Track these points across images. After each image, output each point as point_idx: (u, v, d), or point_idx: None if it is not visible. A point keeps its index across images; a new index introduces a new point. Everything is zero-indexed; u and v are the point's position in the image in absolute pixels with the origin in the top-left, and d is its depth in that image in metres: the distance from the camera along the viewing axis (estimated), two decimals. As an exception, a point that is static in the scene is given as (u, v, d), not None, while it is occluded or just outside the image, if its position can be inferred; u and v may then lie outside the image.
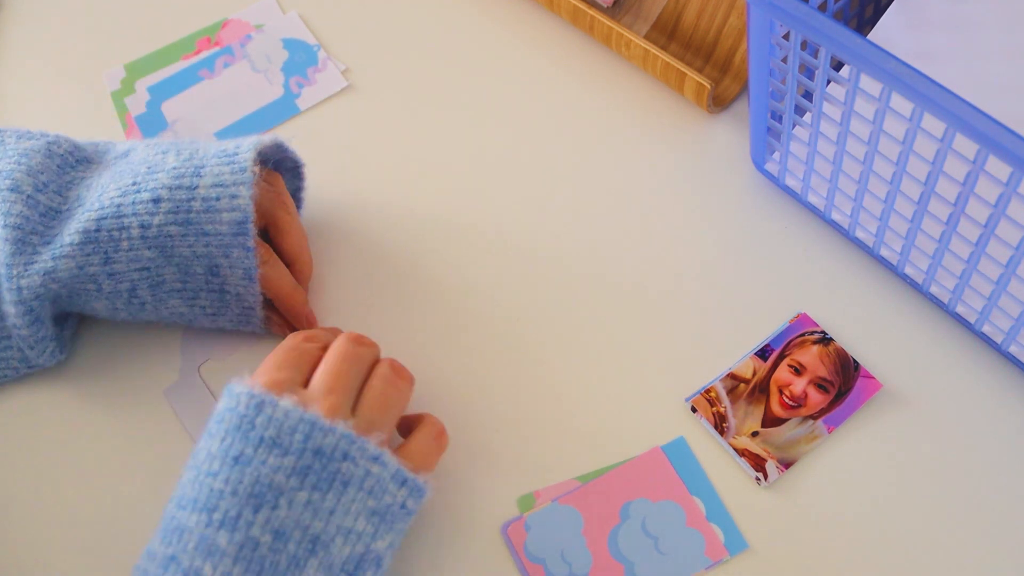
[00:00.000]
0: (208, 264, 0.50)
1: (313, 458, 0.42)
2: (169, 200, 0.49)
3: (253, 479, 0.41)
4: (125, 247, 0.49)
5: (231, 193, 0.49)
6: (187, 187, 0.50)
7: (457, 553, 0.49)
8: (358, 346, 0.47)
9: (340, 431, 0.43)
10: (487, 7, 0.69)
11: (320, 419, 0.42)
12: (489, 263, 0.58)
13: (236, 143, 0.52)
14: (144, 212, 0.49)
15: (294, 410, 0.42)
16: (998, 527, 0.48)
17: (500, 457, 0.52)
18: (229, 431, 0.42)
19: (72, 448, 0.54)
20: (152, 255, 0.50)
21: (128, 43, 0.70)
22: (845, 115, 0.47)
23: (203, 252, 0.50)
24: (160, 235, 0.49)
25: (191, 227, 0.49)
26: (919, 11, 0.53)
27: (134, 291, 0.50)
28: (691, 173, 0.60)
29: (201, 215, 0.49)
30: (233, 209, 0.49)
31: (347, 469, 0.42)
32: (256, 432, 0.42)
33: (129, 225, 0.49)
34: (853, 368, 0.52)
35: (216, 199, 0.49)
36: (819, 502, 0.49)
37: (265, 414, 0.42)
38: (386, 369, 0.47)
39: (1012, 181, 0.41)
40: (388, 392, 0.46)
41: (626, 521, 0.49)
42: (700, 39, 0.64)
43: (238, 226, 0.50)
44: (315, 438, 0.42)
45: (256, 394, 0.43)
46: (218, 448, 0.42)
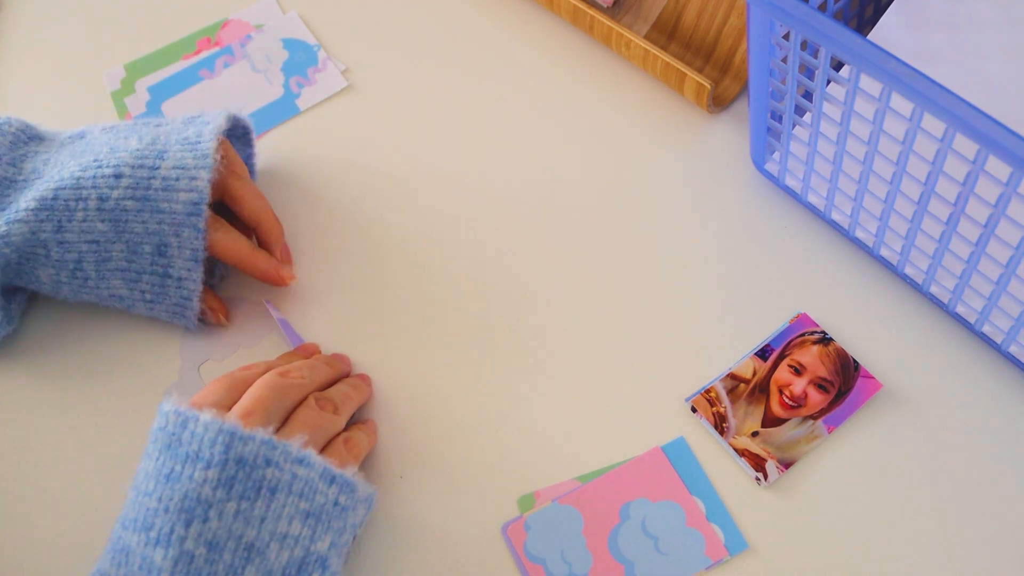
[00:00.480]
0: (157, 242, 0.52)
1: (236, 468, 0.43)
2: (131, 176, 0.51)
3: (182, 494, 0.42)
4: (79, 217, 0.51)
5: (191, 175, 0.51)
6: (149, 166, 0.51)
7: (457, 553, 0.49)
8: (283, 378, 0.48)
9: (260, 438, 0.44)
10: (487, 7, 0.69)
11: (238, 428, 0.43)
12: (489, 262, 0.58)
13: (198, 132, 0.54)
14: (104, 185, 0.51)
15: (213, 422, 0.43)
16: (998, 527, 0.48)
17: (500, 457, 0.52)
18: (160, 450, 0.44)
19: (72, 448, 0.54)
20: (104, 228, 0.51)
21: (128, 43, 0.70)
22: (845, 115, 0.47)
23: (155, 229, 0.51)
24: (116, 208, 0.51)
25: (148, 203, 0.51)
26: (919, 11, 0.53)
27: (79, 263, 0.52)
28: (691, 173, 0.60)
29: (159, 192, 0.51)
30: (191, 190, 0.51)
31: (272, 475, 0.43)
32: (182, 448, 0.43)
33: (87, 196, 0.51)
34: (853, 368, 0.52)
35: (176, 179, 0.51)
36: (819, 502, 0.49)
37: (189, 429, 0.44)
38: (310, 403, 0.48)
39: (1012, 181, 0.41)
40: (311, 417, 0.47)
41: (626, 521, 0.49)
42: (700, 39, 0.64)
43: (193, 206, 0.51)
44: (235, 448, 0.43)
45: (181, 411, 0.44)
46: (152, 467, 0.43)
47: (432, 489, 0.51)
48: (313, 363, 0.52)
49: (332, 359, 0.54)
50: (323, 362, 0.53)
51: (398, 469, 0.52)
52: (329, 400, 0.49)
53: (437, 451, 0.52)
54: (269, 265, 0.55)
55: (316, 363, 0.52)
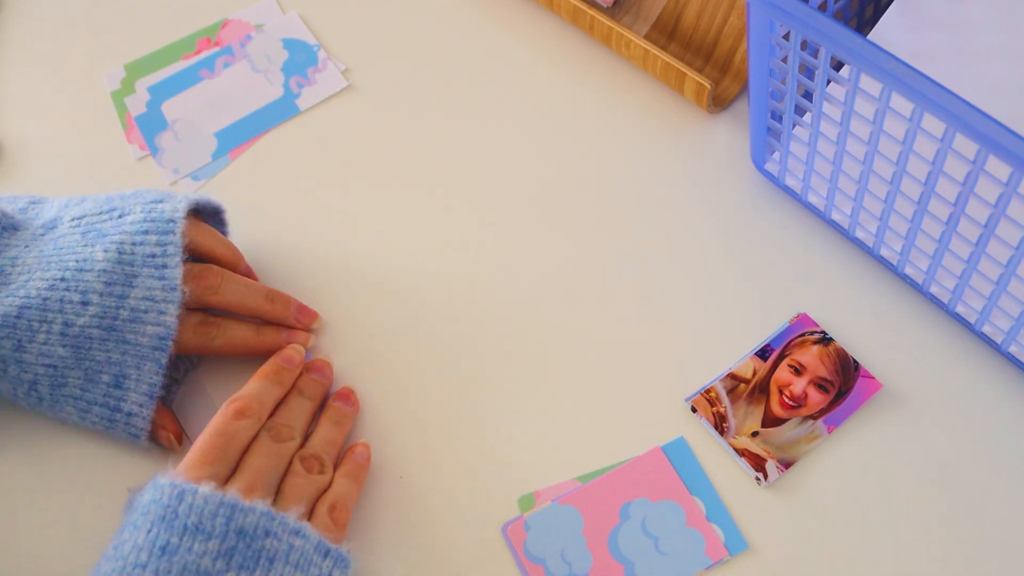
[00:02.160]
0: (116, 373, 0.51)
1: (237, 539, 0.43)
2: (98, 304, 0.50)
3: (181, 567, 0.42)
4: (41, 339, 0.50)
5: (159, 309, 0.50)
6: (117, 295, 0.50)
7: (457, 553, 0.49)
8: (275, 443, 0.48)
9: (260, 509, 0.44)
10: (487, 7, 0.69)
11: (239, 500, 0.44)
12: (488, 262, 0.58)
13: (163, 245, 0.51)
14: (71, 311, 0.50)
15: (213, 495, 0.44)
16: (998, 527, 0.48)
17: (500, 457, 0.52)
18: (155, 522, 0.43)
19: (65, 440, 0.54)
20: (64, 354, 0.50)
21: (128, 43, 0.70)
22: (845, 115, 0.47)
23: (117, 360, 0.50)
24: (81, 335, 0.50)
25: (114, 333, 0.50)
26: (919, 11, 0.53)
27: (35, 384, 0.51)
28: (691, 173, 0.60)
29: (127, 324, 0.50)
30: (158, 324, 0.50)
31: (271, 545, 0.44)
32: (180, 521, 0.43)
33: (52, 320, 0.49)
34: (853, 368, 0.52)
35: (144, 312, 0.50)
36: (819, 502, 0.49)
37: (186, 502, 0.44)
38: (297, 466, 0.48)
39: (1012, 181, 0.41)
40: (301, 486, 0.48)
41: (626, 521, 0.49)
42: (700, 39, 0.64)
43: (159, 340, 0.51)
44: (236, 519, 0.44)
45: (177, 484, 0.44)
46: (144, 540, 0.43)
47: (432, 489, 0.51)
48: (297, 406, 0.51)
49: (311, 386, 0.53)
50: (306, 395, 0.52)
51: (398, 469, 0.52)
52: (315, 458, 0.49)
53: (437, 451, 0.52)
54: (280, 340, 0.55)
55: (301, 403, 0.52)
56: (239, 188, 0.62)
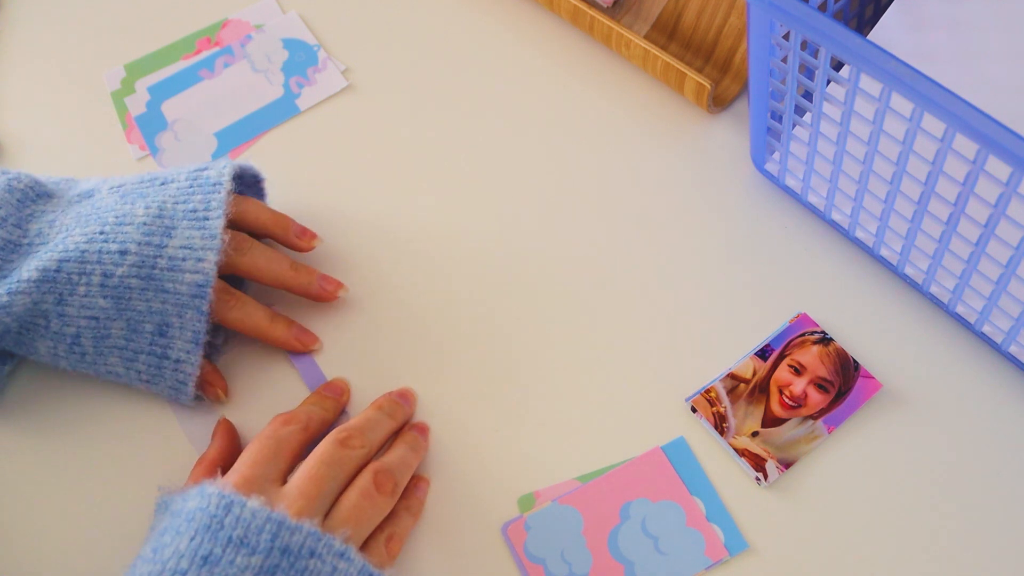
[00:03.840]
0: (159, 322, 0.51)
1: (281, 557, 0.43)
2: (136, 254, 0.50)
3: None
4: (81, 292, 0.50)
5: (198, 256, 0.50)
6: (156, 244, 0.50)
7: (457, 553, 0.49)
8: (342, 449, 0.48)
9: (307, 529, 0.43)
10: (487, 7, 0.69)
11: (287, 518, 0.43)
12: (488, 262, 0.58)
13: (205, 202, 0.52)
14: (109, 262, 0.50)
15: (261, 510, 0.43)
16: (998, 527, 0.48)
17: (500, 457, 0.52)
18: (199, 531, 0.43)
19: (67, 440, 0.54)
20: (106, 305, 0.50)
21: (128, 43, 0.70)
22: (845, 115, 0.47)
23: (158, 308, 0.50)
24: (120, 286, 0.50)
25: (152, 282, 0.50)
26: (919, 11, 0.53)
27: (77, 338, 0.51)
28: (691, 173, 0.60)
29: (165, 272, 0.50)
30: (196, 271, 0.50)
31: (314, 566, 0.43)
32: (224, 532, 0.43)
33: (91, 272, 0.50)
34: (853, 368, 0.52)
35: (183, 259, 0.50)
36: (819, 502, 0.49)
37: (233, 514, 0.43)
38: (366, 481, 0.47)
39: (1012, 181, 0.41)
40: (362, 505, 0.46)
41: (626, 521, 0.49)
42: (700, 39, 0.64)
43: (198, 288, 0.50)
44: (282, 536, 0.43)
45: (226, 495, 0.44)
46: (186, 547, 0.42)
47: (432, 489, 0.51)
48: (376, 419, 0.50)
49: (395, 405, 0.52)
50: (386, 412, 0.51)
51: (398, 469, 0.52)
52: (389, 476, 0.48)
53: (437, 451, 0.52)
54: (289, 335, 0.55)
55: (379, 418, 0.51)
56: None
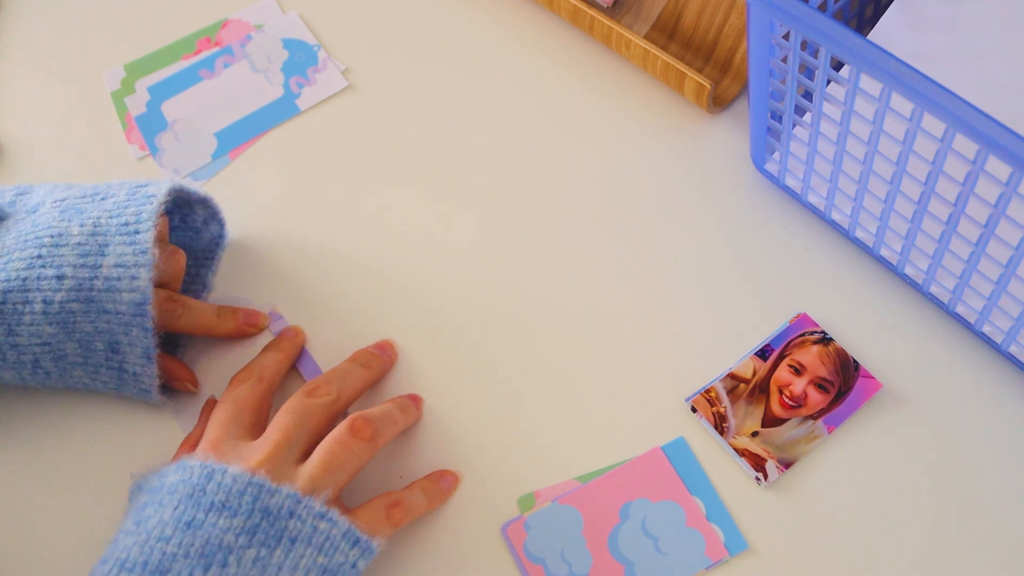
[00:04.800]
0: (109, 340, 0.51)
1: (261, 517, 0.44)
2: (72, 277, 0.50)
3: (204, 540, 0.43)
4: (27, 321, 0.50)
5: (131, 275, 0.50)
6: (91, 265, 0.50)
7: (457, 553, 0.49)
8: (308, 398, 0.49)
9: (286, 491, 0.44)
10: (487, 7, 0.69)
11: (267, 481, 0.44)
12: (488, 262, 0.58)
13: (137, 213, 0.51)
14: (48, 288, 0.49)
15: (242, 475, 0.44)
16: (998, 526, 0.48)
17: (500, 457, 0.52)
18: (182, 500, 0.44)
19: (64, 435, 0.54)
20: (53, 331, 0.50)
21: (128, 43, 0.70)
22: (845, 115, 0.47)
23: (104, 328, 0.50)
24: (62, 311, 0.50)
25: (93, 304, 0.50)
26: (919, 11, 0.53)
27: (37, 363, 0.51)
28: (691, 173, 0.60)
29: (103, 293, 0.50)
30: (132, 290, 0.50)
31: (294, 526, 0.44)
32: (207, 498, 0.44)
33: (32, 300, 0.49)
34: (853, 368, 0.52)
35: (117, 279, 0.50)
36: (819, 502, 0.49)
37: (215, 481, 0.44)
38: (342, 429, 0.48)
39: (1012, 181, 0.41)
40: (334, 451, 0.47)
41: (626, 521, 0.49)
42: (700, 39, 0.64)
43: (137, 307, 0.50)
44: (263, 499, 0.44)
45: (207, 464, 0.45)
46: (170, 516, 0.44)
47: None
48: (346, 368, 0.51)
49: (370, 356, 0.53)
50: (360, 362, 0.52)
51: (398, 469, 0.52)
52: (368, 423, 0.48)
53: (437, 451, 0.52)
54: (237, 325, 0.56)
55: (351, 367, 0.51)
56: (239, 188, 0.62)
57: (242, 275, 0.59)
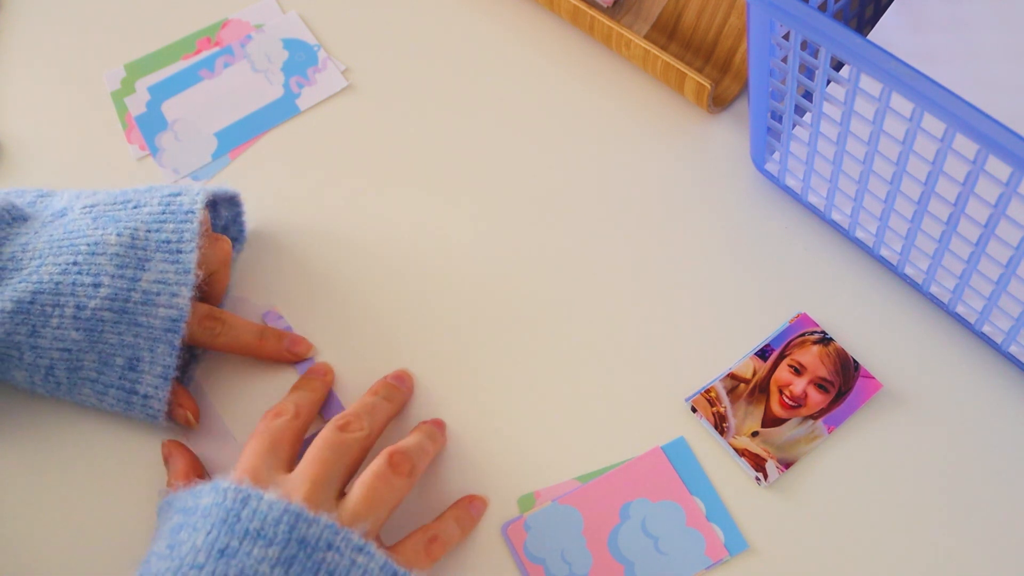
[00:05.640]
0: (130, 356, 0.51)
1: (298, 548, 0.42)
2: (110, 287, 0.50)
3: (238, 571, 0.41)
4: (54, 324, 0.49)
5: (172, 291, 0.50)
6: (129, 277, 0.50)
7: (457, 553, 0.49)
8: (342, 433, 0.48)
9: (324, 522, 0.43)
10: (487, 7, 0.69)
11: (304, 510, 0.43)
12: (488, 262, 0.58)
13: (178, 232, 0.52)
14: (83, 294, 0.49)
15: (278, 502, 0.43)
16: (998, 527, 0.48)
17: (500, 457, 0.52)
18: (215, 525, 0.43)
19: (66, 434, 0.54)
20: (78, 337, 0.50)
21: (128, 43, 0.70)
22: (845, 115, 0.47)
23: (130, 342, 0.50)
24: (93, 318, 0.50)
25: (126, 315, 0.50)
26: (919, 11, 0.53)
27: (51, 369, 0.51)
28: (691, 173, 0.60)
29: (138, 306, 0.50)
30: (171, 306, 0.50)
31: (331, 559, 0.43)
32: (241, 524, 0.43)
33: (64, 304, 0.49)
34: (853, 368, 0.52)
35: (157, 294, 0.50)
36: (819, 502, 0.49)
37: (250, 507, 0.43)
38: (381, 463, 0.47)
39: (1012, 181, 0.41)
40: (376, 486, 0.46)
41: (626, 521, 0.49)
42: (700, 39, 0.64)
43: (172, 323, 0.50)
44: (299, 528, 0.43)
45: (242, 488, 0.44)
46: (203, 541, 0.42)
47: (432, 489, 0.51)
48: (372, 403, 0.51)
49: (391, 389, 0.52)
50: (384, 396, 0.51)
51: (398, 469, 0.52)
52: (406, 457, 0.48)
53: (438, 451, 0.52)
54: (281, 348, 0.55)
55: (376, 402, 0.51)
56: (239, 188, 0.62)
57: (242, 274, 0.59)
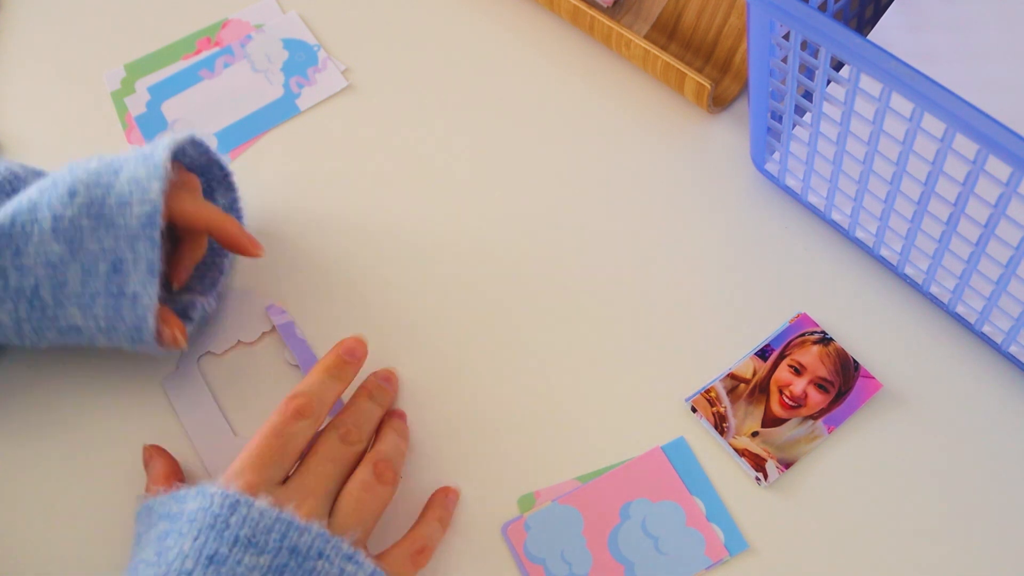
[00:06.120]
0: (113, 260, 0.50)
1: (289, 556, 0.42)
2: (84, 194, 0.50)
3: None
4: (35, 239, 0.49)
5: (143, 187, 0.50)
6: (104, 184, 0.50)
7: (457, 553, 0.49)
8: (344, 445, 0.48)
9: (315, 530, 0.43)
10: (487, 7, 0.69)
11: (295, 519, 0.43)
12: (488, 263, 0.58)
13: (153, 146, 0.52)
14: (58, 204, 0.50)
15: (269, 510, 0.43)
16: (998, 527, 0.48)
17: (500, 457, 0.52)
18: (202, 530, 0.42)
19: (65, 429, 0.54)
20: (59, 249, 0.50)
21: (128, 43, 0.70)
22: (845, 115, 0.47)
23: (110, 246, 0.50)
24: (71, 227, 0.50)
25: (102, 220, 0.50)
26: (919, 11, 0.53)
27: (36, 291, 0.50)
28: (691, 173, 0.60)
29: (114, 208, 0.50)
30: (143, 202, 0.50)
31: (322, 567, 0.43)
32: (231, 531, 0.42)
33: (42, 218, 0.49)
34: (853, 368, 0.52)
35: (130, 193, 0.50)
36: (819, 502, 0.49)
37: (240, 513, 0.42)
38: (366, 474, 0.47)
39: (1012, 181, 0.41)
40: (364, 498, 0.46)
41: (626, 521, 0.49)
42: (700, 39, 0.64)
43: (147, 218, 0.50)
44: (291, 537, 0.43)
45: (230, 494, 0.43)
46: (191, 547, 0.42)
47: (432, 489, 0.51)
48: (367, 410, 0.50)
49: (382, 391, 0.52)
50: (375, 398, 0.51)
51: (398, 469, 0.52)
52: (389, 465, 0.48)
53: (437, 451, 0.52)
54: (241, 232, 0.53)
55: (370, 407, 0.50)
56: (239, 188, 0.62)
57: (242, 273, 0.59)
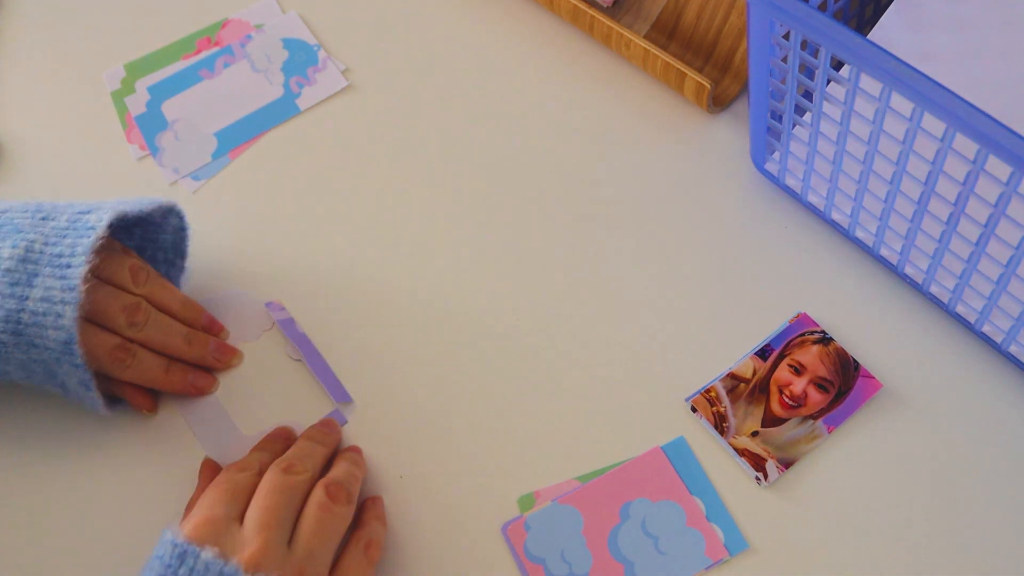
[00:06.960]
0: (44, 370, 0.50)
1: None
2: (2, 307, 0.48)
3: None
4: None
5: (56, 312, 0.48)
6: (18, 296, 0.48)
7: (457, 553, 0.49)
8: (287, 475, 0.47)
9: None
10: (487, 7, 0.69)
11: (240, 572, 0.42)
12: (488, 263, 0.58)
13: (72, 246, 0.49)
14: None
15: (214, 562, 0.42)
16: (998, 527, 0.48)
17: (500, 457, 0.52)
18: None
19: (66, 429, 0.54)
20: None
21: (128, 43, 0.70)
22: (845, 115, 0.47)
23: (38, 358, 0.49)
24: None
25: (22, 337, 0.48)
26: (919, 11, 0.53)
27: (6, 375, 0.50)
28: (691, 173, 0.60)
29: (29, 328, 0.48)
30: (58, 328, 0.48)
31: None
32: None
33: None
34: (853, 368, 0.52)
35: (44, 314, 0.48)
36: (819, 502, 0.49)
37: (187, 565, 0.42)
38: (320, 496, 0.47)
39: (1012, 181, 0.41)
40: (323, 518, 0.46)
41: (626, 521, 0.49)
42: (700, 39, 0.64)
43: (64, 345, 0.48)
44: None
45: (179, 543, 0.43)
46: None
47: (432, 489, 0.51)
48: (309, 447, 0.50)
49: (323, 434, 0.52)
50: (316, 440, 0.51)
51: (398, 469, 0.52)
52: (340, 487, 0.48)
53: (437, 451, 0.52)
54: (186, 382, 0.54)
55: (312, 446, 0.50)
56: (239, 188, 0.62)
57: (241, 274, 0.59)
